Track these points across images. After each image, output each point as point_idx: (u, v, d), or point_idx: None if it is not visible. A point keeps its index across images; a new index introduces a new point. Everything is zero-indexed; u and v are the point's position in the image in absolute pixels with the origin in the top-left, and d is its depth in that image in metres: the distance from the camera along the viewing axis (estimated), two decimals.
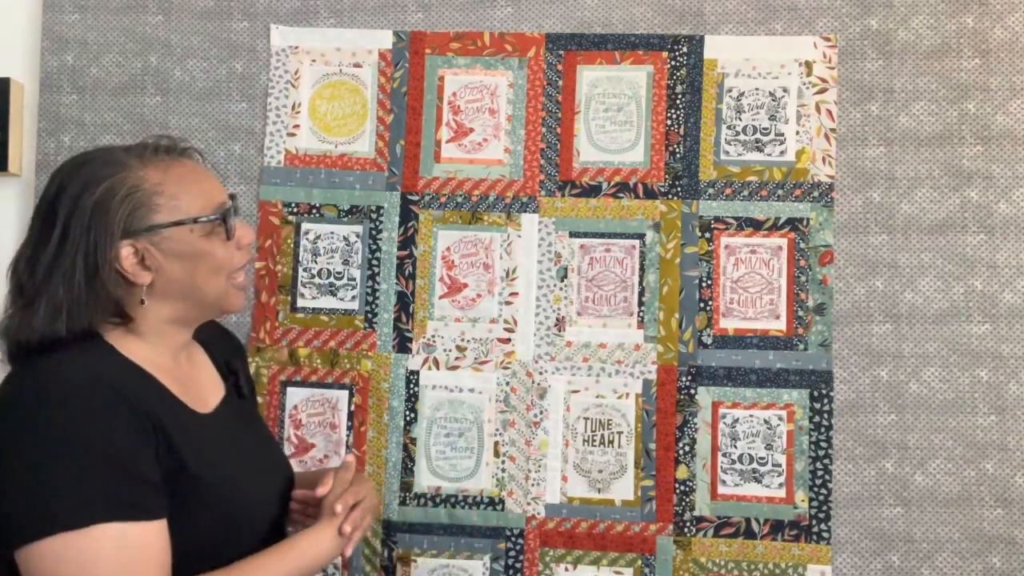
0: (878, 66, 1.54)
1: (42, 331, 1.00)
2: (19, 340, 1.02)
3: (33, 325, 1.01)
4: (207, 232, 1.07)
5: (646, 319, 1.54)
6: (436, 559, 1.53)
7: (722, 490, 1.51)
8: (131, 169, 1.04)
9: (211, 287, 1.09)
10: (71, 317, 1.01)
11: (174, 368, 1.10)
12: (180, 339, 1.12)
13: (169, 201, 1.05)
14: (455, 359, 1.56)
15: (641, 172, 1.56)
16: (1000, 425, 1.48)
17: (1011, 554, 1.46)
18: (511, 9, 1.59)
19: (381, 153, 1.60)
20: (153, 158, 1.07)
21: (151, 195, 1.04)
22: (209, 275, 1.08)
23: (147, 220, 1.04)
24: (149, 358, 1.06)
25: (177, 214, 1.05)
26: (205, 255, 1.07)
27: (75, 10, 1.62)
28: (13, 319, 1.03)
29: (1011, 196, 1.51)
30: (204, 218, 1.07)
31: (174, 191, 1.05)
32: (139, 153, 1.07)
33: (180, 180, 1.07)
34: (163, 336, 1.09)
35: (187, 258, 1.06)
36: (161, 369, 1.07)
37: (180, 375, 1.11)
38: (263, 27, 1.62)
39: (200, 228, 1.07)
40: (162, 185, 1.05)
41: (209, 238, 1.08)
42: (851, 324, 1.51)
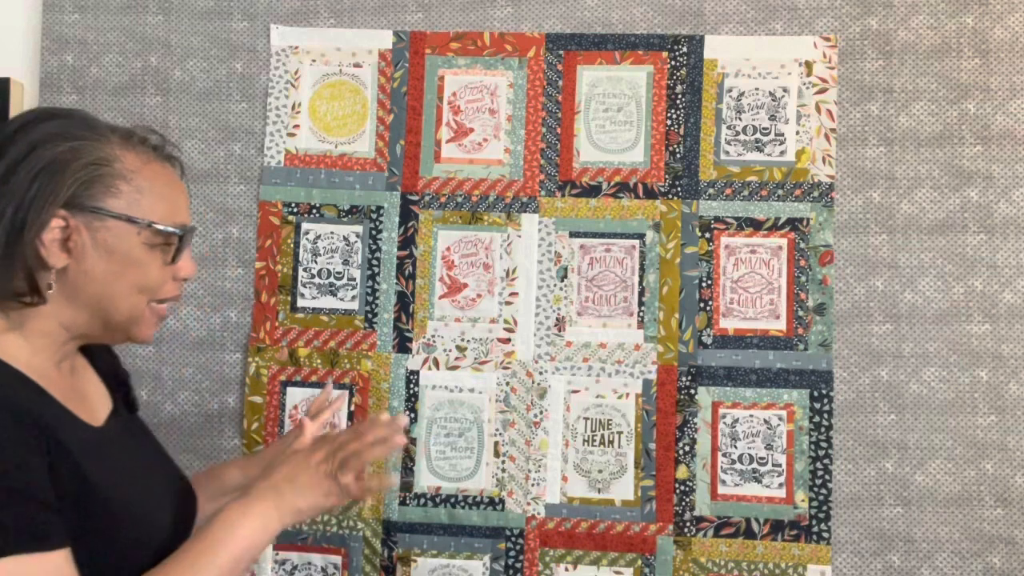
0: (878, 66, 1.54)
1: None
2: None
3: None
4: (152, 244, 0.96)
5: (646, 319, 1.54)
6: (436, 559, 1.53)
7: (722, 490, 1.51)
8: (109, 143, 0.94)
9: (126, 304, 0.96)
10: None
11: (56, 377, 0.96)
12: (66, 349, 0.98)
13: (133, 192, 0.94)
14: (455, 359, 1.56)
15: (641, 172, 1.56)
16: (1000, 425, 1.48)
17: (1011, 554, 1.46)
18: (511, 9, 1.59)
19: (381, 153, 1.60)
20: (137, 146, 0.97)
21: (117, 177, 0.93)
22: (130, 290, 0.95)
23: (99, 199, 0.92)
24: (29, 362, 0.92)
25: (135, 209, 0.93)
26: (137, 265, 0.95)
27: (75, 10, 1.62)
28: None
29: (1011, 196, 1.51)
30: (161, 226, 0.95)
31: (142, 185, 0.95)
32: (124, 135, 0.97)
33: (154, 178, 0.96)
34: (50, 340, 0.94)
35: (117, 260, 0.93)
36: (44, 377, 0.93)
37: (63, 385, 0.96)
38: (263, 27, 1.62)
39: (148, 235, 0.95)
40: (134, 174, 0.94)
41: (151, 250, 0.96)
42: (851, 324, 1.51)
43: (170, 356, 1.58)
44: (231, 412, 1.57)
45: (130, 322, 0.97)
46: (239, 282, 1.59)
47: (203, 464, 1.56)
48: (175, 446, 1.56)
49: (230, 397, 1.58)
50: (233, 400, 1.58)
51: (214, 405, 1.57)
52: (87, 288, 0.93)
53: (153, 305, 0.99)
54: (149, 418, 1.56)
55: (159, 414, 1.57)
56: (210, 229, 1.59)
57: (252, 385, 1.57)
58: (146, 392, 1.57)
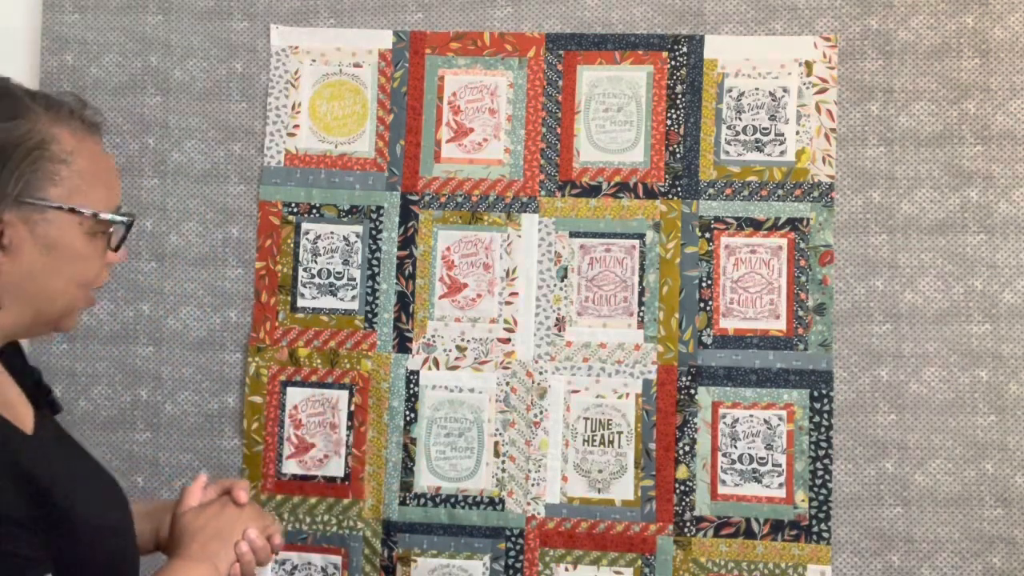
0: (878, 66, 1.54)
1: None
2: None
3: None
4: (93, 232, 0.87)
5: (646, 319, 1.54)
6: (436, 559, 1.53)
7: (722, 490, 1.51)
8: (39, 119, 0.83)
9: (64, 299, 0.87)
10: None
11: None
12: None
13: (74, 178, 0.84)
14: (455, 359, 1.56)
15: (641, 172, 1.56)
16: (1000, 425, 1.48)
17: (1011, 554, 1.46)
18: (511, 9, 1.59)
19: (381, 153, 1.60)
20: (67, 119, 0.86)
21: (56, 162, 0.83)
22: (69, 283, 0.87)
23: (40, 190, 0.82)
24: None
25: (76, 198, 0.84)
26: (79, 258, 0.86)
27: (75, 10, 1.62)
28: None
29: (1011, 196, 1.51)
30: (107, 216, 0.87)
31: (82, 168, 0.85)
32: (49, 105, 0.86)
33: (92, 159, 0.87)
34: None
35: (57, 254, 0.84)
36: None
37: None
38: (263, 27, 1.62)
39: (90, 226, 0.86)
40: (72, 156, 0.84)
41: (92, 240, 0.87)
42: (851, 324, 1.51)
43: (170, 356, 1.58)
44: (231, 412, 1.58)
45: (63, 315, 0.89)
46: (239, 282, 1.59)
47: (203, 464, 1.56)
48: (175, 446, 1.56)
49: (230, 397, 1.58)
50: (233, 400, 1.58)
51: (214, 405, 1.57)
52: (21, 286, 0.83)
53: (87, 294, 0.91)
54: (149, 418, 1.57)
55: (159, 414, 1.57)
56: (210, 229, 1.59)
57: (252, 385, 1.57)
58: (146, 392, 1.57)
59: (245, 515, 1.05)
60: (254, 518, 1.06)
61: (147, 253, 1.59)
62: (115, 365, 1.58)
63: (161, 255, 1.59)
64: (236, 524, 1.04)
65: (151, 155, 1.60)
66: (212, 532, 1.01)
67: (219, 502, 1.06)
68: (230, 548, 1.01)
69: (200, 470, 1.52)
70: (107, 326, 1.58)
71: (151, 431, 1.57)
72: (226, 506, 1.06)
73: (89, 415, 1.57)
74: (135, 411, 1.57)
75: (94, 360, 1.58)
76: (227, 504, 1.06)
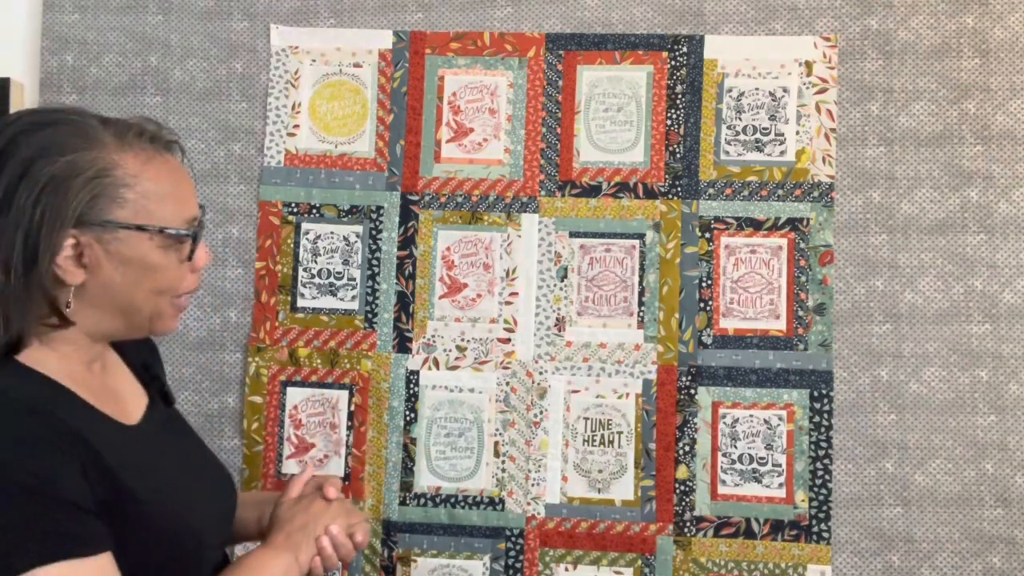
0: (878, 66, 1.54)
1: None
2: None
3: None
4: (166, 245, 0.93)
5: (646, 319, 1.54)
6: (436, 559, 1.53)
7: (722, 490, 1.51)
8: (105, 148, 0.89)
9: (148, 306, 0.95)
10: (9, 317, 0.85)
11: (88, 378, 0.95)
12: (95, 350, 0.97)
13: (139, 199, 0.90)
14: (455, 359, 1.56)
15: (641, 172, 1.56)
16: (1000, 425, 1.48)
17: (1011, 554, 1.46)
18: (511, 9, 1.59)
19: (381, 153, 1.60)
20: (135, 143, 0.92)
21: (120, 186, 0.89)
22: (151, 293, 0.94)
23: (106, 213, 0.88)
24: (58, 368, 0.91)
25: (143, 217, 0.91)
26: (155, 270, 0.93)
27: (75, 10, 1.62)
28: None
29: (1011, 196, 1.51)
30: (172, 230, 0.93)
31: (148, 189, 0.91)
32: (119, 132, 0.92)
33: (157, 178, 0.93)
34: (76, 347, 0.94)
35: (133, 268, 0.91)
36: (74, 380, 0.92)
37: (95, 385, 0.96)
38: (263, 27, 1.62)
39: (161, 239, 0.93)
40: (137, 178, 0.90)
41: (166, 252, 0.94)
42: (851, 324, 1.51)
43: (170, 356, 1.58)
44: (231, 412, 1.58)
45: (152, 320, 0.97)
46: (239, 282, 1.59)
47: None
48: None
49: (230, 397, 1.58)
50: (233, 400, 1.58)
51: (214, 405, 1.57)
52: (107, 298, 0.92)
53: (175, 300, 0.98)
54: None
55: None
56: (210, 229, 1.59)
57: (252, 385, 1.57)
58: None
59: (332, 510, 1.11)
60: (340, 514, 1.11)
61: None
62: None
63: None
64: (321, 518, 1.09)
65: None
66: (299, 524, 1.08)
67: (310, 497, 1.13)
68: (312, 541, 1.07)
69: None
70: None
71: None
72: (315, 500, 1.12)
73: None
74: None
75: None
76: (316, 499, 1.13)
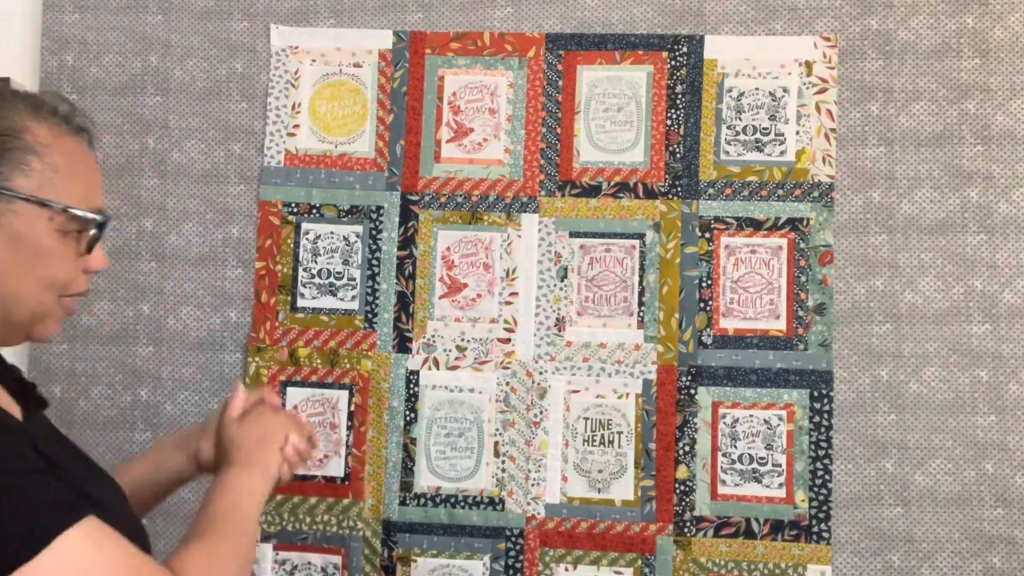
0: (878, 66, 1.54)
1: None
2: None
3: None
4: (65, 231, 0.84)
5: (646, 319, 1.54)
6: (436, 559, 1.53)
7: (722, 490, 1.51)
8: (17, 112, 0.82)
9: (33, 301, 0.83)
10: None
11: None
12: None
13: (47, 171, 0.82)
14: (455, 359, 1.56)
15: (641, 172, 1.56)
16: (1000, 425, 1.48)
17: (1011, 554, 1.46)
18: (511, 9, 1.59)
19: (381, 153, 1.60)
20: (48, 116, 0.85)
21: (27, 151, 0.81)
22: (38, 284, 0.83)
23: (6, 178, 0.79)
24: None
25: (48, 191, 0.81)
26: (48, 256, 0.83)
27: (75, 10, 1.62)
28: None
29: (1011, 196, 1.51)
30: (78, 211, 0.83)
31: (57, 163, 0.82)
32: (33, 103, 0.85)
33: (68, 155, 0.85)
34: None
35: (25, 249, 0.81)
36: None
37: None
38: (263, 27, 1.62)
39: (62, 222, 0.83)
40: (48, 148, 0.82)
41: (64, 239, 0.84)
42: (851, 324, 1.51)
43: (170, 356, 1.58)
44: None
45: (34, 320, 0.85)
46: (239, 282, 1.59)
47: None
48: None
49: None
50: None
51: (214, 405, 1.57)
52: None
53: (63, 300, 0.87)
54: (149, 418, 1.57)
55: (159, 414, 1.57)
56: (210, 229, 1.59)
57: (252, 385, 1.57)
58: (146, 392, 1.57)
59: (282, 419, 1.09)
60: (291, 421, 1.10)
61: (147, 253, 1.59)
62: (115, 365, 1.57)
63: (161, 255, 1.59)
64: (278, 429, 1.07)
65: (151, 155, 1.60)
66: (256, 439, 1.04)
67: (256, 411, 1.09)
68: (275, 451, 1.04)
69: None
70: (107, 326, 1.58)
71: (151, 431, 1.57)
72: (263, 413, 1.08)
73: (89, 415, 1.57)
74: (135, 411, 1.57)
75: (94, 360, 1.58)
76: (264, 411, 1.09)
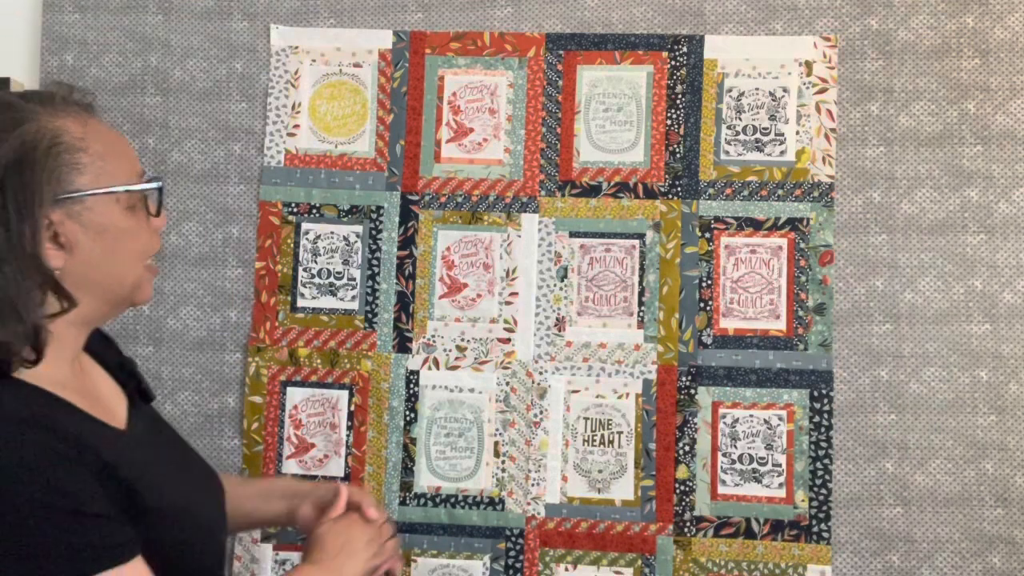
0: (878, 66, 1.54)
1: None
2: None
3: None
4: (132, 205, 0.89)
5: (646, 319, 1.54)
6: (436, 559, 1.53)
7: (722, 490, 1.51)
8: (41, 117, 0.83)
9: (131, 275, 0.90)
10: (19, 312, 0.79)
11: (74, 381, 0.90)
12: (78, 344, 0.92)
13: (95, 161, 0.85)
14: (455, 359, 1.56)
15: (641, 172, 1.56)
16: (1000, 425, 1.48)
17: (1011, 554, 1.46)
18: (511, 9, 1.59)
19: (381, 153, 1.60)
20: (65, 108, 0.86)
21: (73, 151, 0.83)
22: (129, 260, 0.90)
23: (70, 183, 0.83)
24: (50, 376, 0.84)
25: (105, 179, 0.85)
26: (129, 234, 0.88)
27: (75, 10, 1.62)
28: None
29: (1011, 196, 1.51)
30: (136, 187, 0.88)
31: (98, 150, 0.86)
32: (43, 100, 0.86)
33: (100, 136, 0.87)
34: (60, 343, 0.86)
35: (109, 236, 0.86)
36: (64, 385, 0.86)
37: (82, 388, 0.91)
38: (263, 27, 1.62)
39: (126, 200, 0.88)
40: (85, 140, 0.85)
41: (133, 213, 0.89)
42: (851, 324, 1.51)
43: (170, 356, 1.58)
44: (231, 412, 1.57)
45: (134, 290, 0.92)
46: (239, 282, 1.59)
47: None
48: None
49: (230, 397, 1.58)
50: (233, 400, 1.58)
51: (214, 405, 1.57)
52: (90, 276, 0.86)
53: (148, 264, 0.94)
54: None
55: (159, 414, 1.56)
56: (210, 229, 1.59)
57: (252, 385, 1.57)
58: None
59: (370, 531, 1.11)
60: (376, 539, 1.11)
61: None
62: None
63: (161, 255, 1.59)
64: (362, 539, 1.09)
65: (151, 155, 1.60)
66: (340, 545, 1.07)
67: (348, 517, 1.11)
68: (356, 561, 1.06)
69: None
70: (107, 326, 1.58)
71: None
72: (354, 523, 1.11)
73: None
74: None
75: None
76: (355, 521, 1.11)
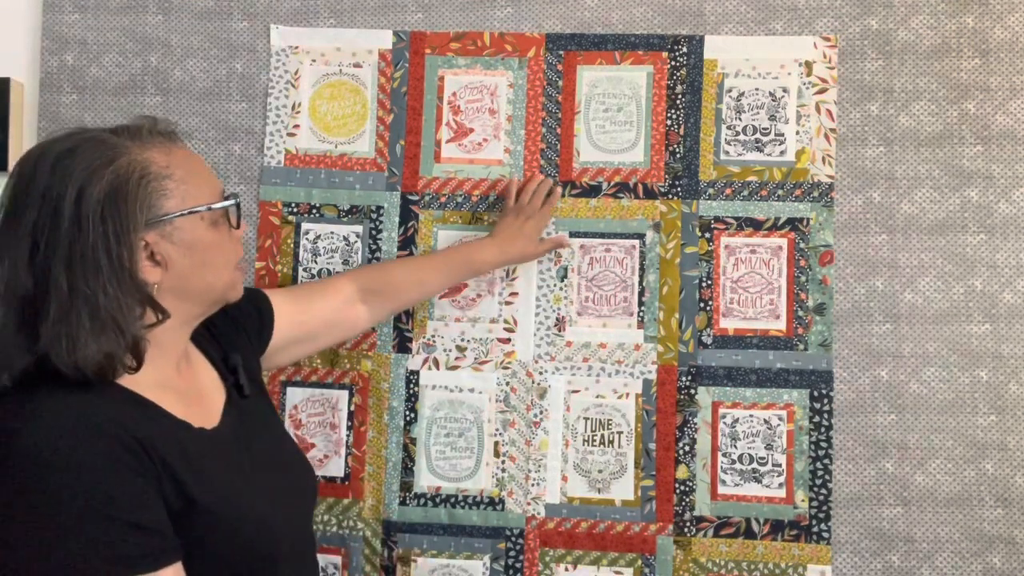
0: (878, 66, 1.54)
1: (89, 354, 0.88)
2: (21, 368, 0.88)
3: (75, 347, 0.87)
4: (215, 221, 1.02)
5: (646, 319, 1.54)
6: (436, 559, 1.53)
7: (722, 490, 1.51)
8: (131, 151, 0.96)
9: (222, 282, 1.04)
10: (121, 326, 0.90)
11: (176, 380, 1.02)
12: (182, 345, 1.05)
13: (180, 186, 0.98)
14: (455, 359, 1.56)
15: (641, 172, 1.56)
16: (1000, 425, 1.48)
17: (1011, 554, 1.46)
18: (511, 9, 1.59)
19: (381, 153, 1.60)
20: (147, 139, 0.99)
21: (162, 179, 0.96)
22: (220, 269, 1.03)
23: (161, 207, 0.96)
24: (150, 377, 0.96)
25: (189, 201, 0.98)
26: (214, 246, 1.01)
27: (75, 10, 1.62)
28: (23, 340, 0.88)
29: (1011, 196, 1.51)
30: (217, 204, 1.02)
31: (182, 176, 0.99)
32: (132, 135, 0.99)
33: (183, 164, 1.00)
34: (163, 347, 1.00)
35: (199, 251, 0.99)
36: (162, 387, 0.98)
37: (183, 387, 1.02)
38: (263, 27, 1.62)
39: (210, 218, 1.01)
40: (170, 168, 0.98)
41: (217, 228, 1.02)
42: (851, 324, 1.51)
43: None
44: None
45: (225, 292, 1.06)
46: None
47: None
48: None
49: None
50: None
51: None
52: (185, 286, 0.99)
53: (237, 265, 1.08)
54: None
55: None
56: None
57: None
58: None
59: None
60: None
61: None
62: None
63: None
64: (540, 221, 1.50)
65: None
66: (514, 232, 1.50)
67: (532, 216, 1.51)
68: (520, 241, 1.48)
69: None
70: None
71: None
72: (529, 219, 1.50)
73: None
74: None
75: None
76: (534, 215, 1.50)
